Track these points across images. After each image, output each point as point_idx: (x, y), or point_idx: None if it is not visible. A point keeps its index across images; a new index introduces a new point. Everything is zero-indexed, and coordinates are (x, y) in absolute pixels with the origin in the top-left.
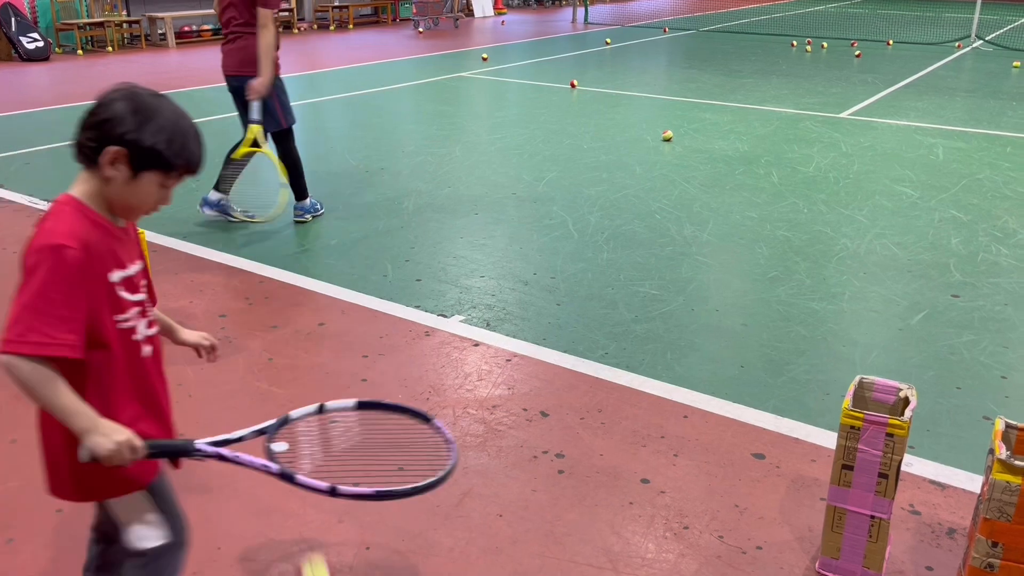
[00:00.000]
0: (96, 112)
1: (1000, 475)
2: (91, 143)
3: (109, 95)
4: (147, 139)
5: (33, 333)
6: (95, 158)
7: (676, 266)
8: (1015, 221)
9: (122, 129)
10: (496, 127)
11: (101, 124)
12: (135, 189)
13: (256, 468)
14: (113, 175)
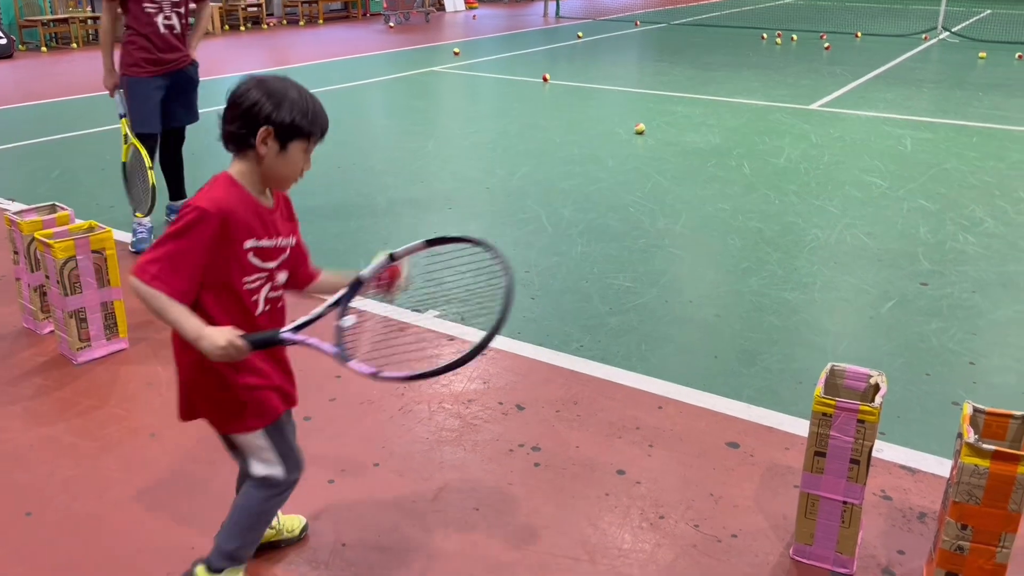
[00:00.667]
0: (237, 104)
1: (968, 459)
2: (242, 130)
3: (242, 88)
4: (286, 116)
5: (158, 272)
6: (247, 142)
7: (649, 258)
8: (981, 210)
9: (265, 112)
10: (469, 121)
11: (246, 113)
12: (285, 159)
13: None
14: (266, 151)
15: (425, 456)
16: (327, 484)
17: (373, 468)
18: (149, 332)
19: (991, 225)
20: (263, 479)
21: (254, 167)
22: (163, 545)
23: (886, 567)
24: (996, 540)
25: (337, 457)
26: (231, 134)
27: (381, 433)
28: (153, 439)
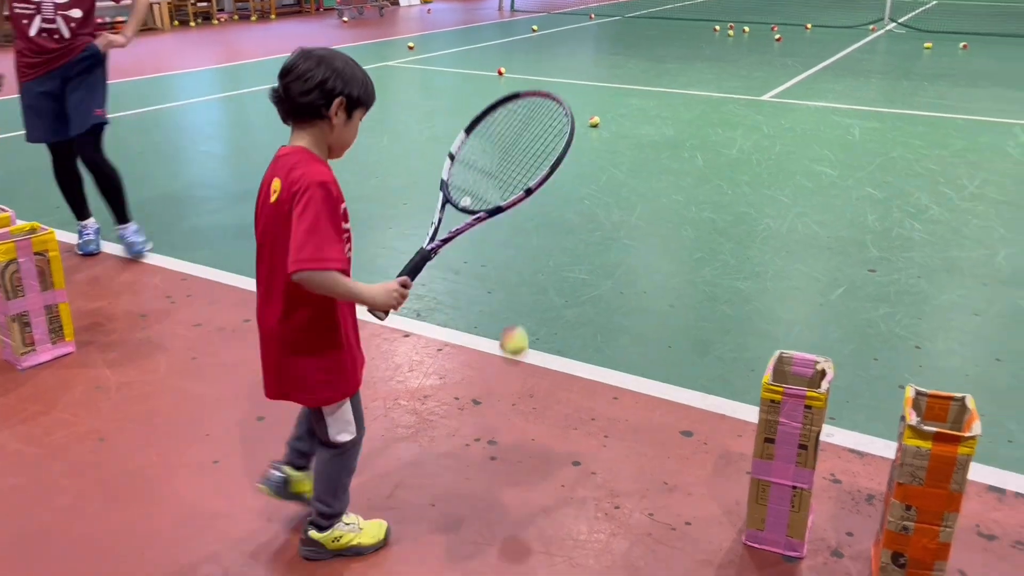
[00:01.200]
0: (307, 79)
1: (911, 440)
2: (319, 102)
3: (306, 64)
4: (354, 89)
5: (317, 254)
6: (320, 113)
7: (605, 251)
8: (927, 197)
9: (337, 85)
10: (424, 116)
11: (321, 86)
12: (350, 128)
13: (471, 227)
14: (337, 121)
15: (380, 453)
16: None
17: None
18: (97, 335)
19: (936, 212)
20: (342, 444)
21: (323, 136)
22: (113, 550)
23: (835, 549)
24: (939, 520)
25: None
26: (305, 106)
27: None
28: (102, 443)
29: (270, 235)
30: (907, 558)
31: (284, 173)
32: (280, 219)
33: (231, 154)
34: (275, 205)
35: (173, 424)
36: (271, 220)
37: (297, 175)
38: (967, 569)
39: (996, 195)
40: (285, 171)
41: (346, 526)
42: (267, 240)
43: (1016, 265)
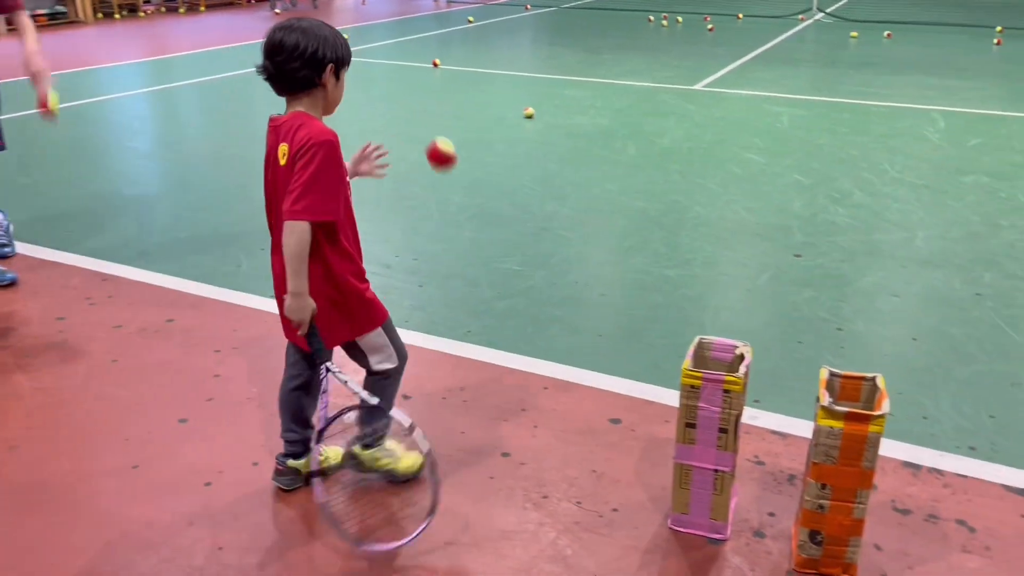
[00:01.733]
0: (297, 52)
1: (824, 421)
2: (311, 72)
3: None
4: (340, 52)
5: (316, 205)
6: (314, 81)
7: (538, 241)
8: (851, 182)
9: (324, 52)
10: (357, 108)
11: (311, 57)
12: (339, 87)
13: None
14: (330, 84)
15: None
16: (203, 487)
17: (252, 468)
18: (11, 339)
19: (859, 197)
20: (383, 372)
21: (319, 100)
22: (23, 564)
23: (758, 529)
24: (853, 497)
25: (214, 459)
26: (300, 78)
27: (262, 432)
28: (13, 452)
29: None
30: (823, 535)
31: (290, 136)
32: (288, 180)
33: (158, 150)
34: (286, 168)
35: (90, 430)
36: (284, 184)
37: (303, 134)
38: (882, 543)
39: (915, 179)
40: (291, 134)
41: (387, 452)
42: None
43: (933, 247)
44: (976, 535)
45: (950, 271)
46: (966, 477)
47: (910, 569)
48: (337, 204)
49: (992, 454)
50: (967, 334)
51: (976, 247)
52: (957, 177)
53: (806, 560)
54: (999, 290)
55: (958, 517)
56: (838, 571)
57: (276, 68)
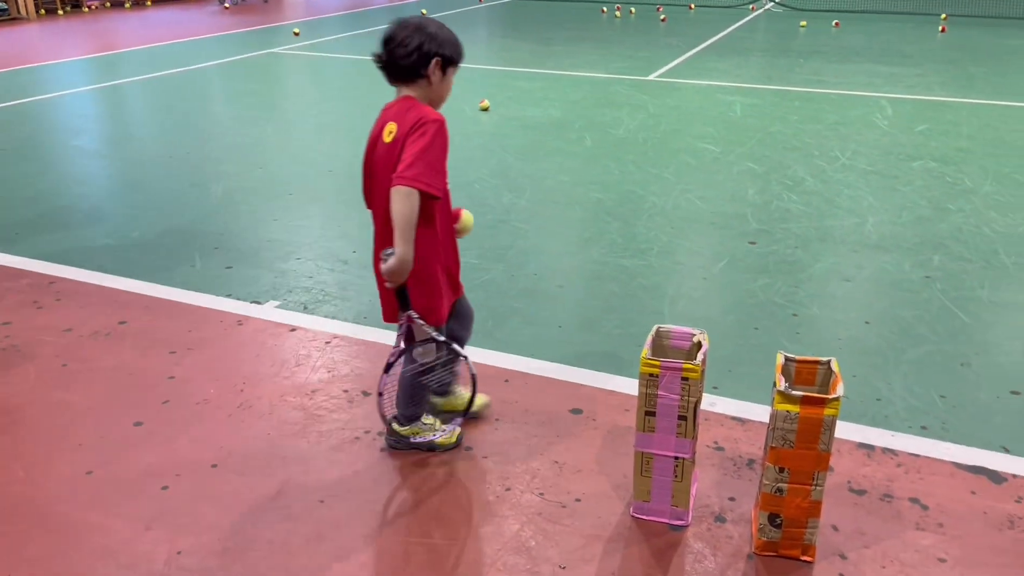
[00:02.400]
0: (407, 45)
1: (780, 405)
2: (417, 63)
3: (405, 32)
4: (446, 50)
5: (424, 176)
6: (420, 72)
7: (495, 234)
8: (803, 170)
9: (432, 48)
10: (311, 104)
11: (418, 49)
12: (445, 84)
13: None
14: (435, 79)
15: (267, 452)
16: (160, 491)
17: (211, 469)
18: None
19: (811, 184)
20: (422, 363)
21: (424, 92)
22: None
23: (719, 514)
24: (810, 479)
25: (171, 461)
26: (407, 67)
27: (219, 432)
28: None
29: (387, 173)
30: (783, 518)
31: (399, 117)
32: (394, 158)
33: (105, 149)
34: (390, 145)
35: (42, 436)
36: (384, 160)
37: (415, 114)
38: (839, 524)
39: (865, 165)
40: (400, 115)
41: (424, 425)
42: (382, 180)
43: (883, 232)
44: (929, 512)
45: (900, 255)
46: (918, 456)
47: (866, 548)
48: (442, 182)
49: (943, 433)
50: (917, 316)
51: (925, 231)
52: (906, 163)
53: (766, 543)
54: (947, 272)
55: (911, 495)
56: (797, 552)
57: (388, 57)
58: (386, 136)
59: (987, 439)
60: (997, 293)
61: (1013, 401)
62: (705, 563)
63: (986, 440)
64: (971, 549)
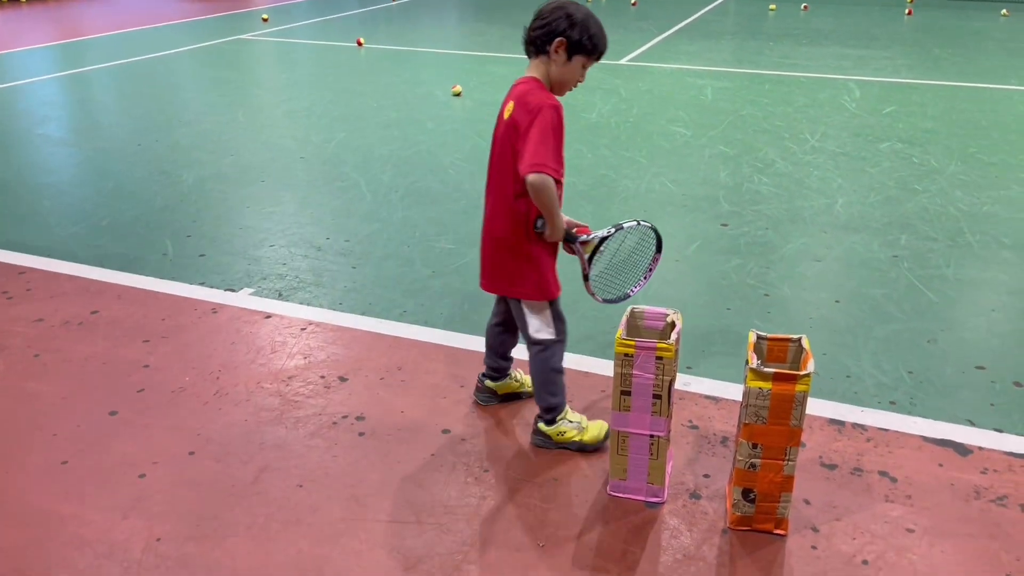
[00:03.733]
0: (543, 19)
1: (753, 382)
2: (543, 38)
3: (548, 7)
4: (578, 35)
5: (550, 162)
6: (544, 48)
7: (470, 219)
8: (773, 152)
9: (562, 26)
10: (281, 90)
11: (547, 25)
12: (569, 69)
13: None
14: (556, 59)
15: (244, 439)
16: (137, 479)
17: (188, 457)
18: None
19: (781, 166)
20: (542, 342)
21: (546, 71)
22: None
23: (694, 491)
24: (783, 455)
25: (148, 450)
26: (534, 39)
27: (195, 420)
28: None
29: (501, 150)
30: (756, 493)
31: (518, 96)
32: (511, 134)
33: (71, 137)
34: (508, 122)
35: (15, 427)
36: (503, 136)
37: (532, 98)
38: (811, 498)
39: (834, 147)
40: (520, 95)
41: (570, 423)
42: (500, 155)
43: (852, 212)
44: (897, 485)
45: (869, 235)
46: (887, 431)
47: (838, 520)
48: (560, 166)
49: (911, 407)
50: (886, 295)
51: (892, 211)
52: (873, 144)
53: (740, 518)
54: (915, 251)
55: (881, 469)
56: (771, 526)
57: (528, 27)
58: (506, 113)
59: (953, 413)
60: (962, 271)
61: (978, 376)
62: (681, 539)
63: (952, 414)
64: (939, 519)
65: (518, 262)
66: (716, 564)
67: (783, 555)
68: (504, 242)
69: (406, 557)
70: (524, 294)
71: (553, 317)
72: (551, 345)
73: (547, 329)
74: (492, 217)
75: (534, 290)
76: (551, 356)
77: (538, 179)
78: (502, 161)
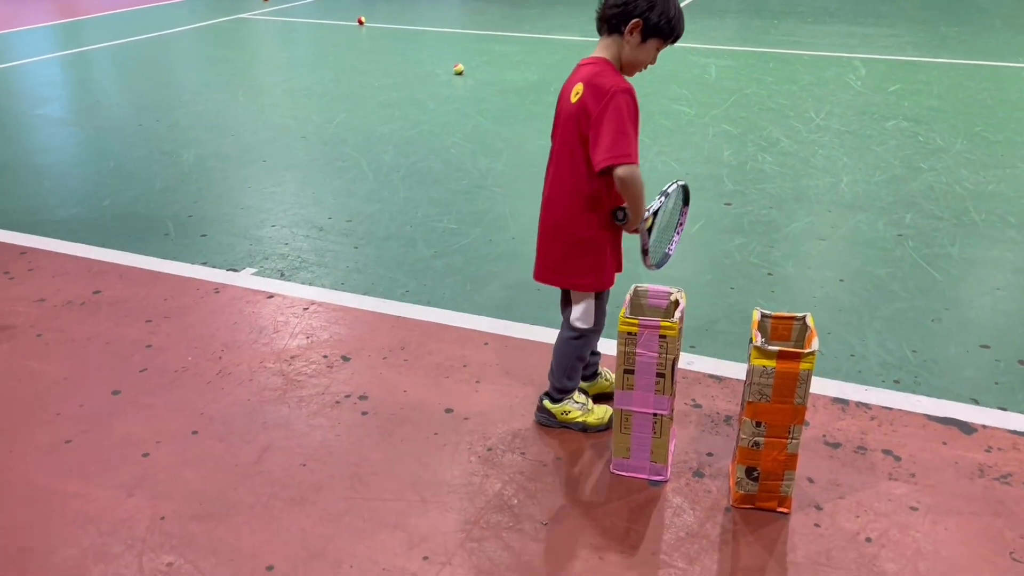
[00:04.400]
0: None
1: (757, 360)
2: (619, 17)
3: None
4: (656, 18)
5: (632, 152)
6: (619, 28)
7: (473, 199)
8: (778, 130)
9: (641, 7)
10: (282, 69)
11: (625, 5)
12: (643, 51)
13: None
14: (631, 40)
15: (247, 418)
16: (141, 458)
17: (191, 436)
18: None
19: (786, 144)
20: (578, 330)
21: (619, 52)
22: None
23: (697, 469)
24: (786, 433)
25: (151, 429)
26: (610, 16)
27: (198, 400)
28: None
29: (566, 134)
30: (759, 471)
31: (587, 79)
32: (578, 118)
33: (71, 116)
34: (576, 106)
35: (19, 407)
36: (570, 120)
37: (603, 80)
38: (815, 476)
39: (839, 126)
40: (588, 77)
41: (576, 404)
42: (564, 139)
43: (856, 191)
44: (901, 463)
45: (874, 214)
46: (891, 409)
47: (841, 498)
48: (636, 149)
49: (915, 386)
50: (890, 273)
51: (898, 190)
52: (879, 123)
53: (743, 496)
54: (920, 230)
55: (884, 447)
56: (774, 505)
57: (602, 3)
58: (572, 96)
59: (958, 392)
60: (967, 250)
61: (982, 355)
62: (684, 517)
63: (957, 393)
64: (942, 497)
65: (580, 252)
66: (719, 542)
67: (786, 533)
68: (566, 231)
69: (409, 536)
70: (583, 285)
71: (596, 308)
72: (587, 334)
73: (588, 318)
74: (555, 205)
75: (594, 281)
76: (584, 345)
77: (627, 171)
78: (567, 146)
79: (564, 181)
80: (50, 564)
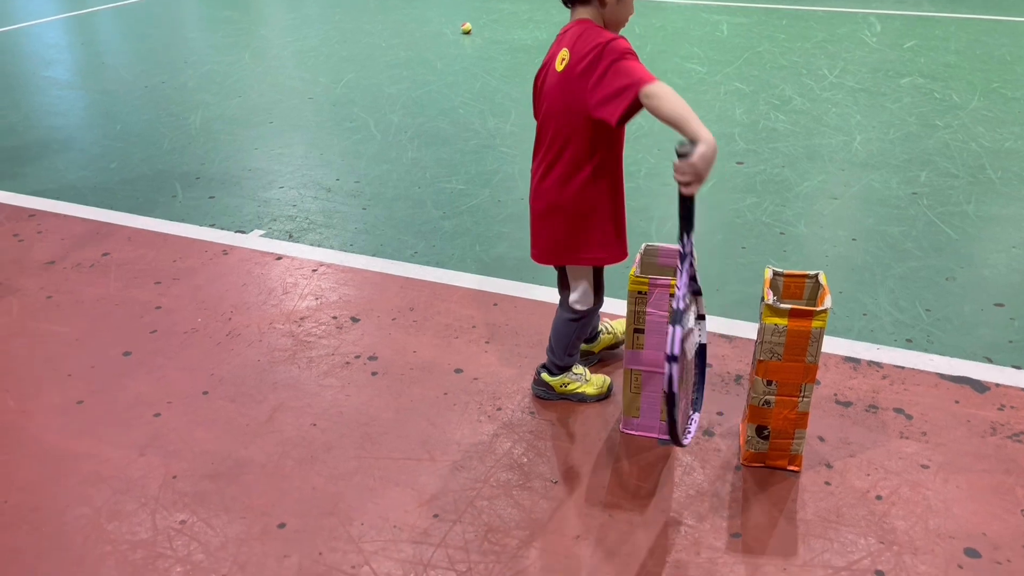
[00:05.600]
0: None
1: (769, 319)
2: None
3: None
4: None
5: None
6: None
7: (481, 159)
8: (790, 88)
9: None
10: (288, 30)
11: None
12: (623, 5)
13: None
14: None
15: (257, 379)
16: (152, 418)
17: (202, 396)
18: None
19: (799, 103)
20: (577, 311)
21: (599, 14)
22: None
23: (707, 429)
24: (797, 391)
25: (162, 390)
26: None
27: (209, 360)
28: None
29: (556, 106)
30: (770, 429)
31: (571, 43)
32: (570, 84)
33: (77, 79)
34: (564, 73)
35: (30, 367)
36: (558, 90)
37: (588, 38)
38: (825, 434)
39: (853, 83)
40: (572, 41)
41: (574, 375)
42: (552, 112)
43: (870, 149)
44: (913, 422)
45: (887, 172)
46: (903, 368)
47: (852, 457)
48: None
49: (928, 345)
50: (904, 232)
51: (912, 147)
52: (894, 79)
53: (754, 455)
54: (934, 188)
55: (896, 406)
56: (784, 463)
57: None
58: (558, 64)
59: (971, 350)
60: (983, 207)
61: (996, 313)
62: (694, 475)
63: (970, 351)
64: (954, 455)
65: (585, 227)
66: (729, 499)
67: (796, 491)
68: (568, 209)
69: (419, 493)
70: (586, 260)
71: (595, 286)
72: (587, 315)
73: (587, 299)
74: (549, 184)
75: (600, 253)
76: (584, 325)
77: (651, 88)
78: (557, 118)
79: (558, 156)
80: (63, 522)
